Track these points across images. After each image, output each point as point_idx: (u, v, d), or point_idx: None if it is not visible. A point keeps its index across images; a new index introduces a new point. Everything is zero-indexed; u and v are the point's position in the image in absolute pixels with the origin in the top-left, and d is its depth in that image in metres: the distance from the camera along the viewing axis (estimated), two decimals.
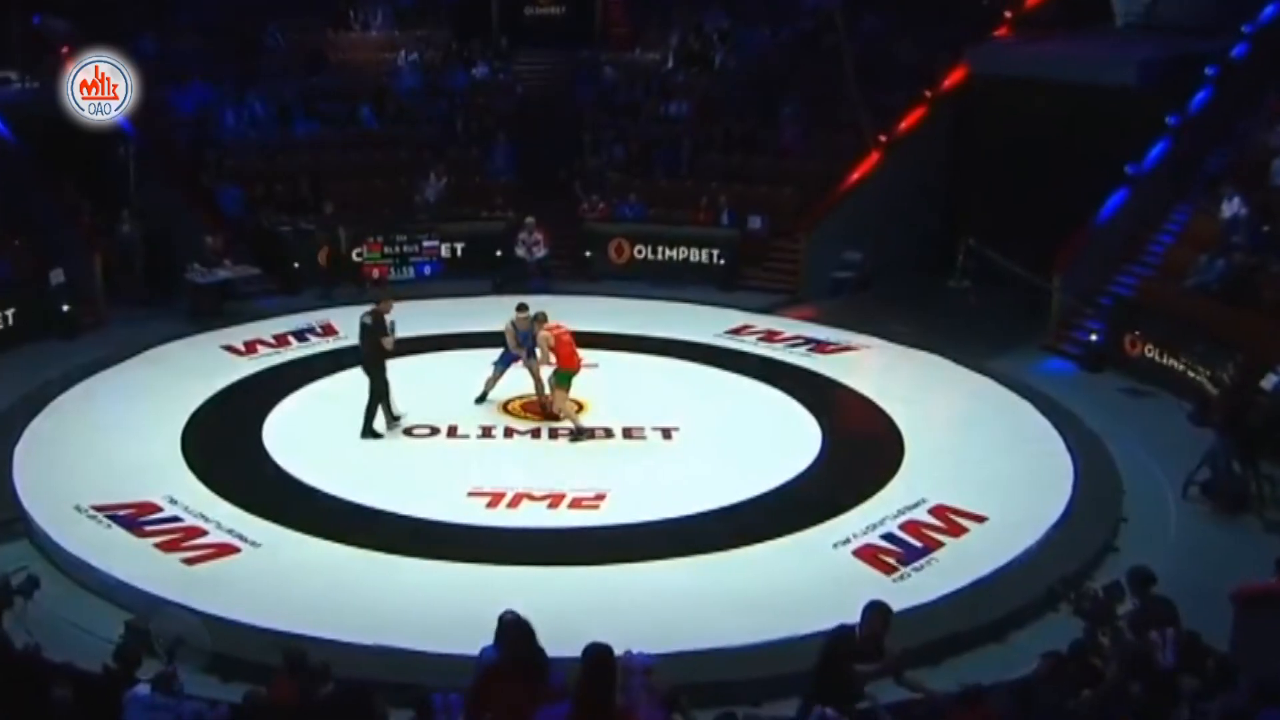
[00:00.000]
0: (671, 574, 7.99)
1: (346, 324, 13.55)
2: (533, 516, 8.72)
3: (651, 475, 9.59)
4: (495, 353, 11.90)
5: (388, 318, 10.26)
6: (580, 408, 10.59)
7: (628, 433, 10.30)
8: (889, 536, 8.51)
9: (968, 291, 13.81)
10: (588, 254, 16.12)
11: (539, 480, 9.23)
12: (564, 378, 10.31)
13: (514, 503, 8.88)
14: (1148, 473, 9.80)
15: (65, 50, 14.66)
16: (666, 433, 10.29)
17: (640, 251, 16.14)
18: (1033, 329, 13.35)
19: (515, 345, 10.72)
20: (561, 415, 10.28)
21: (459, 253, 16.00)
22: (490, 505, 8.84)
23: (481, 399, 10.70)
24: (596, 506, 8.86)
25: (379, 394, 10.12)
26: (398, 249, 15.78)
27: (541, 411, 10.60)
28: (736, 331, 13.54)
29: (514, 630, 5.08)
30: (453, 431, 10.25)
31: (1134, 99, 13.62)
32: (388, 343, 10.14)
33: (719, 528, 8.60)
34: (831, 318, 14.03)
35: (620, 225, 16.31)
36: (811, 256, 15.42)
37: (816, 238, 15.46)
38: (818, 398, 11.29)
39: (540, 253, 15.43)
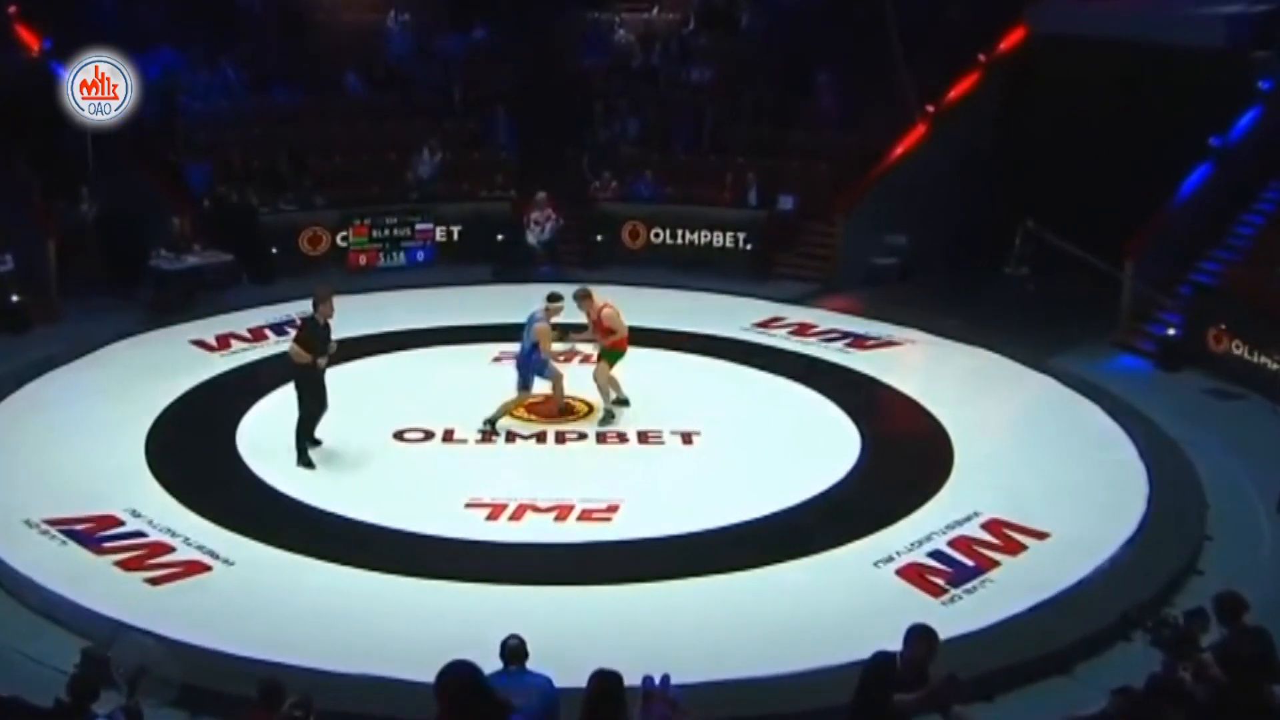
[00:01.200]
0: (692, 595, 7.99)
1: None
2: (538, 530, 8.72)
3: (670, 484, 9.59)
4: (495, 348, 11.95)
5: (330, 321, 9.73)
6: (588, 410, 10.66)
7: (643, 437, 10.30)
8: (937, 554, 8.47)
9: (1025, 280, 13.70)
10: (598, 238, 16.16)
11: (544, 490, 9.24)
12: (614, 356, 10.63)
13: (517, 515, 8.88)
14: (1235, 485, 9.71)
15: (13, 9, 14.81)
16: (687, 437, 10.30)
17: (657, 235, 16.18)
18: (1100, 322, 13.29)
19: (549, 350, 10.31)
20: (599, 387, 10.51)
21: (456, 236, 16.05)
22: (490, 518, 8.84)
23: (492, 424, 10.40)
24: (608, 519, 8.85)
25: (309, 416, 9.63)
26: (387, 232, 15.83)
27: (548, 413, 10.62)
28: (765, 325, 13.58)
29: (455, 691, 4.57)
30: (449, 436, 10.26)
31: (1220, 61, 13.42)
32: (320, 360, 9.58)
33: (745, 544, 8.58)
34: (871, 309, 14.02)
35: (635, 206, 16.34)
36: (849, 241, 15.40)
37: (855, 220, 15.43)
38: (856, 399, 11.28)
39: (549, 231, 15.37)
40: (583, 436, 10.33)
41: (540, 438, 10.28)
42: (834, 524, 8.86)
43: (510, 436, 10.29)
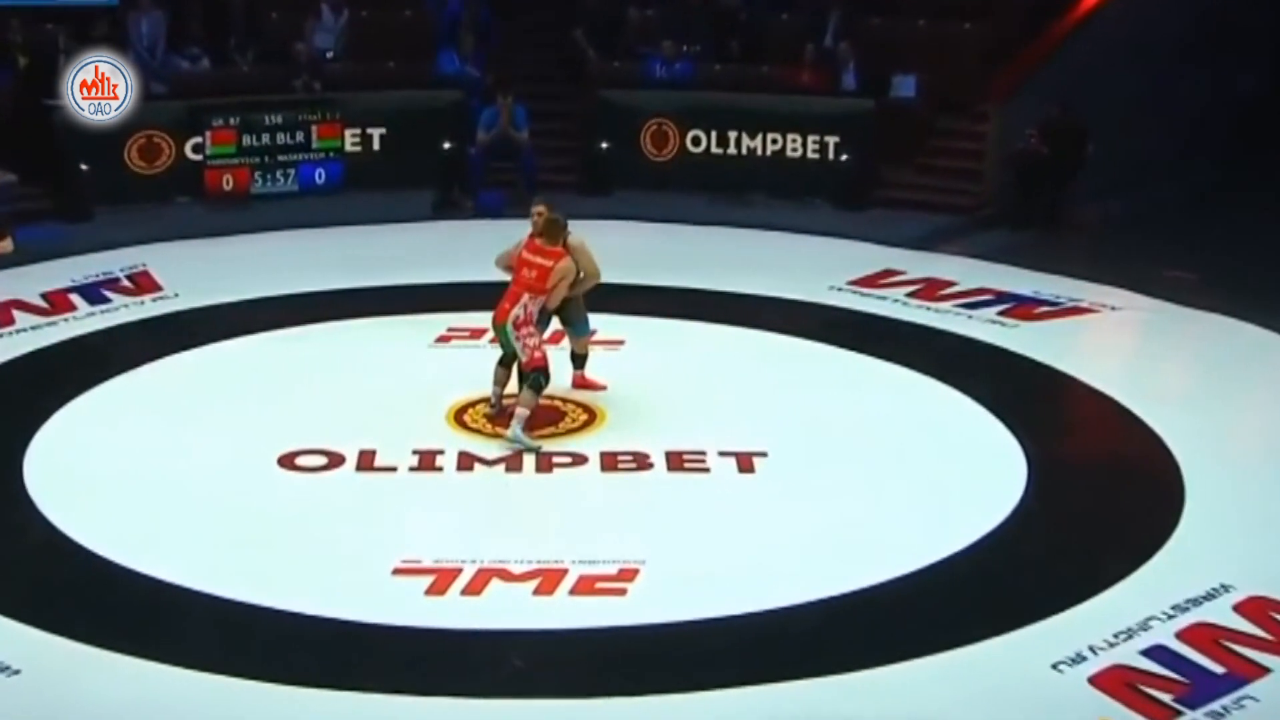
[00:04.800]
0: (753, 712, 7.89)
1: (176, 270, 13.78)
2: (508, 608, 8.64)
3: (717, 535, 9.55)
4: (438, 323, 11.96)
5: None
6: (587, 417, 10.80)
7: (676, 460, 10.32)
8: (1159, 653, 8.32)
9: None
10: (603, 146, 16.18)
11: (520, 545, 9.21)
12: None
13: (476, 585, 8.81)
14: None
15: None
16: (743, 461, 10.34)
17: (696, 140, 16.34)
18: None
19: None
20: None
21: (376, 145, 16.28)
22: (434, 590, 8.78)
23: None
24: (621, 591, 8.78)
25: None
26: (266, 139, 15.97)
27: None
28: (868, 281, 13.81)
29: None
30: (367, 461, 10.28)
31: None
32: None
33: (839, 631, 8.55)
34: (1044, 256, 14.27)
35: (660, 95, 16.52)
36: (1007, 148, 15.52)
37: (1016, 114, 15.55)
38: (1020, 400, 11.34)
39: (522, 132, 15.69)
40: (579, 460, 10.31)
41: (513, 462, 10.27)
42: (984, 601, 8.81)
43: (464, 461, 10.30)
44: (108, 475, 10.07)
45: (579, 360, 11.29)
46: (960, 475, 10.29)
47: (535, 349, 10.43)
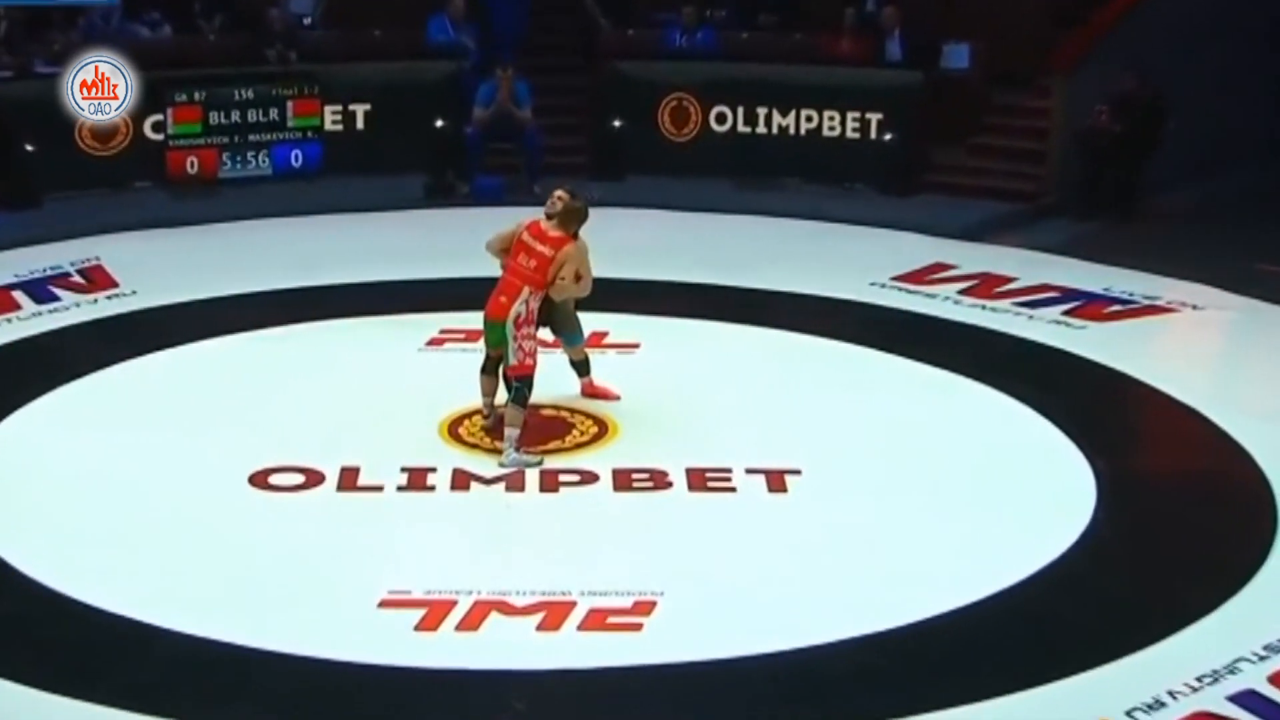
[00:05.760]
0: None
1: (133, 264, 13.78)
2: (509, 646, 8.63)
3: (743, 563, 9.53)
4: (429, 324, 12.00)
5: None
6: (596, 430, 10.86)
7: (698, 478, 10.35)
8: (1248, 699, 8.25)
9: None
10: (616, 124, 16.25)
11: (520, 574, 9.23)
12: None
13: (471, 619, 8.81)
14: None
15: None
16: (774, 479, 10.36)
17: (722, 117, 16.44)
18: None
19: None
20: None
21: (359, 124, 16.38)
22: (425, 625, 8.79)
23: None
24: (636, 627, 8.78)
25: None
26: (236, 117, 16.10)
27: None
28: (916, 278, 13.84)
29: None
30: (349, 480, 10.31)
31: None
32: None
33: (882, 671, 8.50)
34: (1116, 248, 14.27)
35: (682, 67, 16.55)
36: (1074, 126, 15.50)
37: (1084, 86, 15.49)
38: (1087, 410, 11.35)
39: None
40: (589, 478, 10.34)
41: (514, 480, 10.30)
42: (1048, 639, 8.78)
43: (459, 479, 10.31)
44: (53, 496, 10.04)
45: (581, 367, 11.26)
46: (1020, 496, 10.24)
47: (530, 354, 10.34)
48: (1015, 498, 10.24)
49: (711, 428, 10.98)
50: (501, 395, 10.67)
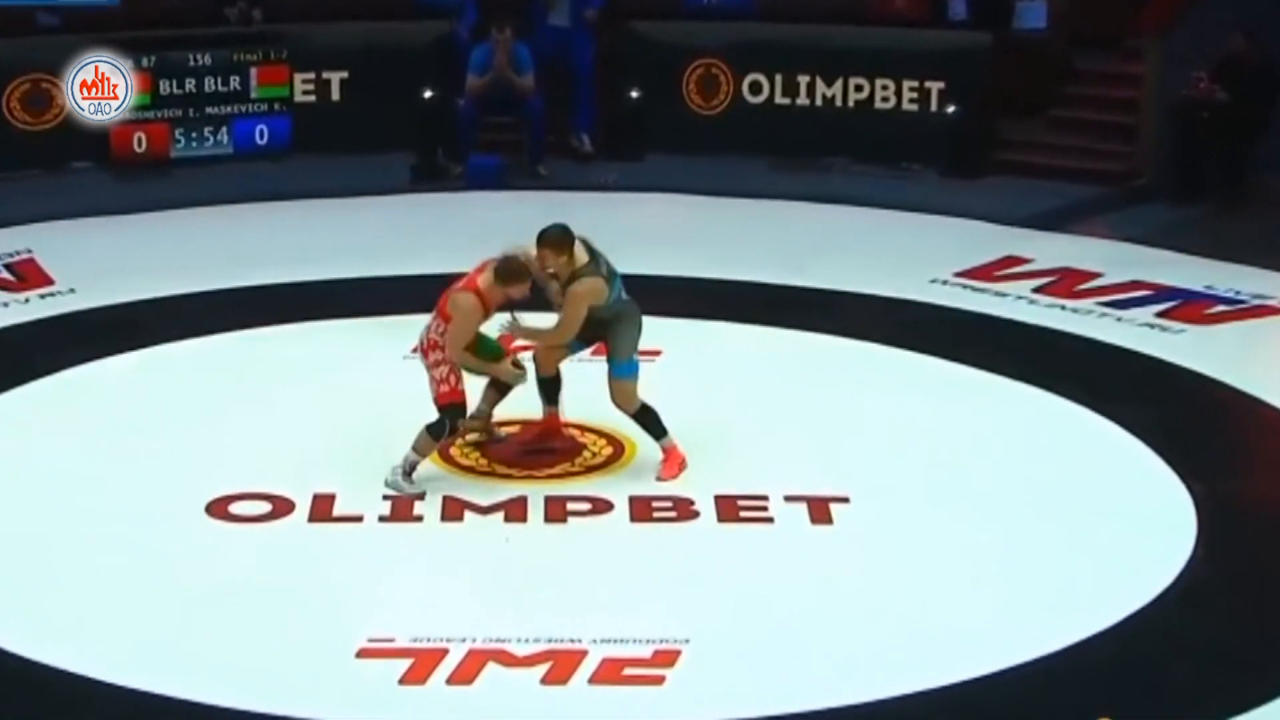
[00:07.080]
0: None
1: (71, 259, 13.84)
2: (509, 701, 8.67)
3: (780, 607, 9.57)
4: (409, 325, 12.06)
5: None
6: (611, 451, 11.00)
7: (729, 508, 10.39)
8: None
9: None
10: (634, 95, 16.41)
11: (523, 619, 9.26)
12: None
13: (464, 671, 8.85)
14: None
15: None
16: (818, 507, 10.40)
17: (755, 87, 16.50)
18: None
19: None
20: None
21: (334, 94, 16.56)
22: (411, 677, 8.81)
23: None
24: (658, 680, 8.81)
25: None
26: (192, 86, 16.23)
27: (529, 451, 10.91)
28: (983, 273, 13.92)
29: None
30: (323, 509, 10.38)
31: None
32: None
33: None
34: (1220, 239, 14.38)
35: (708, 28, 16.67)
36: (1170, 96, 15.56)
37: (1181, 50, 15.59)
38: (1186, 428, 11.39)
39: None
40: (602, 507, 10.42)
41: (514, 509, 10.35)
42: (1134, 696, 8.75)
43: (452, 508, 10.38)
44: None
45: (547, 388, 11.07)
46: (1105, 530, 10.24)
47: (445, 380, 10.30)
48: (1099, 532, 10.24)
49: (744, 448, 11.01)
50: (500, 410, 10.76)
